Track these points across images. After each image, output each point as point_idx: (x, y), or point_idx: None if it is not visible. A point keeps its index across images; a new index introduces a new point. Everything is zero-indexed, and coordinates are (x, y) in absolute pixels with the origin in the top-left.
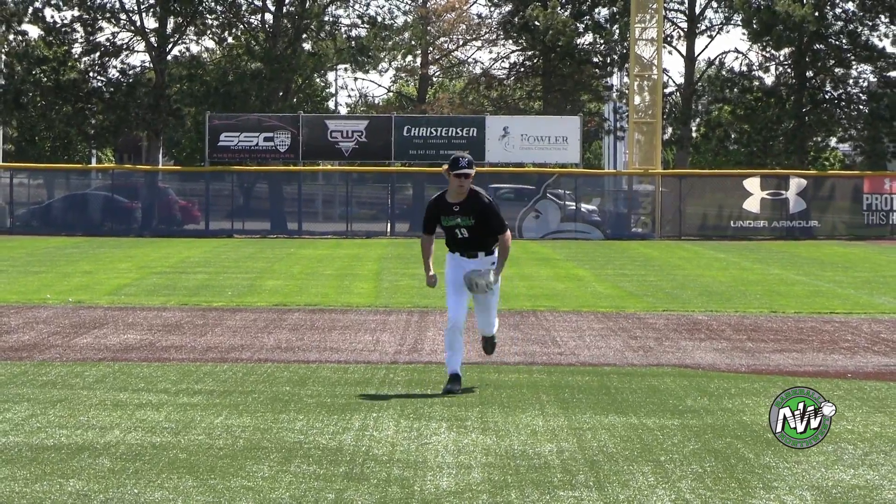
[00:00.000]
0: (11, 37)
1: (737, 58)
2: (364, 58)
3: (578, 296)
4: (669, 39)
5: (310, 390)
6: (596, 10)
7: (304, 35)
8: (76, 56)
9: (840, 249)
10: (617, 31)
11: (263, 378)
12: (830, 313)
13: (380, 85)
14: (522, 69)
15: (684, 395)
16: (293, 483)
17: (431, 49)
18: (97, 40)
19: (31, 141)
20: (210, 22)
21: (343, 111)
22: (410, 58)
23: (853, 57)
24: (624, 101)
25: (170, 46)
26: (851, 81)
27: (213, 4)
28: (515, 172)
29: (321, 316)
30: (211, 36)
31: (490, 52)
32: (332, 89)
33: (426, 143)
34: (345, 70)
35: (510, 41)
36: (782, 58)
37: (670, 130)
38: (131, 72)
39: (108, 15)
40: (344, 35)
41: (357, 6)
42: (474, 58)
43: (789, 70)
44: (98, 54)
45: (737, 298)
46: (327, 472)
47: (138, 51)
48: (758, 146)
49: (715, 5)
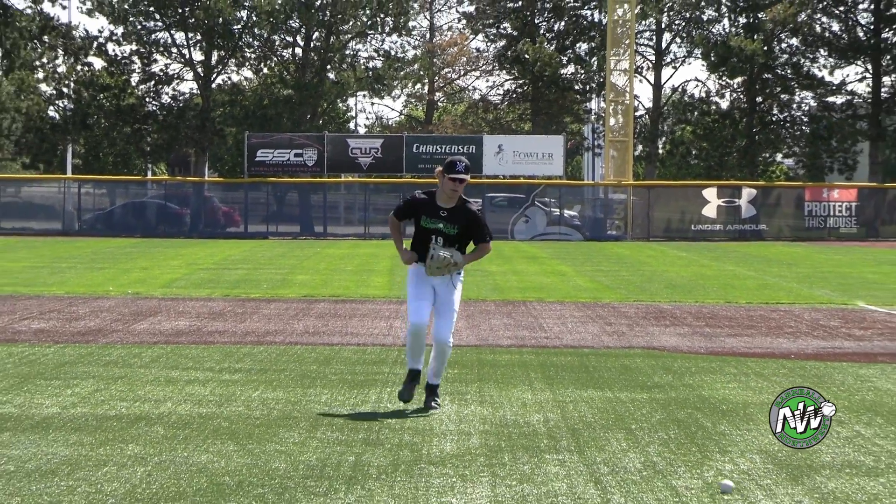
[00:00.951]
0: (79, 67)
1: (697, 86)
2: (380, 86)
3: (562, 288)
4: (640, 70)
5: (333, 369)
6: (577, 45)
7: (329, 66)
8: (134, 84)
9: (785, 249)
10: (595, 63)
11: (294, 358)
12: (776, 303)
13: (393, 109)
14: (514, 95)
15: (652, 373)
16: (319, 447)
17: (437, 78)
18: (152, 70)
19: (96, 157)
20: (248, 55)
21: (362, 131)
22: (419, 86)
23: (797, 85)
24: (601, 123)
25: (214, 76)
26: (795, 106)
27: (251, 40)
28: (508, 184)
29: (343, 306)
30: (249, 67)
31: (487, 81)
32: (353, 112)
33: (432, 159)
34: (363, 96)
35: (504, 71)
36: (736, 85)
37: (640, 147)
38: (181, 98)
39: (162, 49)
40: (363, 66)
41: (374, 42)
42: (473, 86)
43: (742, 96)
44: (153, 83)
45: (696, 291)
46: (348, 438)
47: (187, 79)
48: (715, 161)
49: (679, 41)
